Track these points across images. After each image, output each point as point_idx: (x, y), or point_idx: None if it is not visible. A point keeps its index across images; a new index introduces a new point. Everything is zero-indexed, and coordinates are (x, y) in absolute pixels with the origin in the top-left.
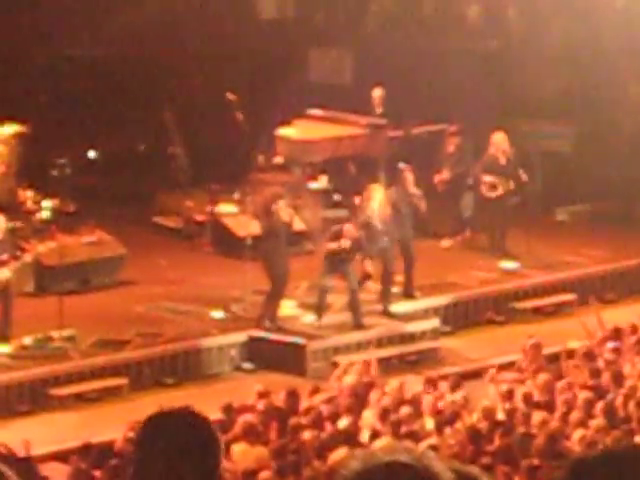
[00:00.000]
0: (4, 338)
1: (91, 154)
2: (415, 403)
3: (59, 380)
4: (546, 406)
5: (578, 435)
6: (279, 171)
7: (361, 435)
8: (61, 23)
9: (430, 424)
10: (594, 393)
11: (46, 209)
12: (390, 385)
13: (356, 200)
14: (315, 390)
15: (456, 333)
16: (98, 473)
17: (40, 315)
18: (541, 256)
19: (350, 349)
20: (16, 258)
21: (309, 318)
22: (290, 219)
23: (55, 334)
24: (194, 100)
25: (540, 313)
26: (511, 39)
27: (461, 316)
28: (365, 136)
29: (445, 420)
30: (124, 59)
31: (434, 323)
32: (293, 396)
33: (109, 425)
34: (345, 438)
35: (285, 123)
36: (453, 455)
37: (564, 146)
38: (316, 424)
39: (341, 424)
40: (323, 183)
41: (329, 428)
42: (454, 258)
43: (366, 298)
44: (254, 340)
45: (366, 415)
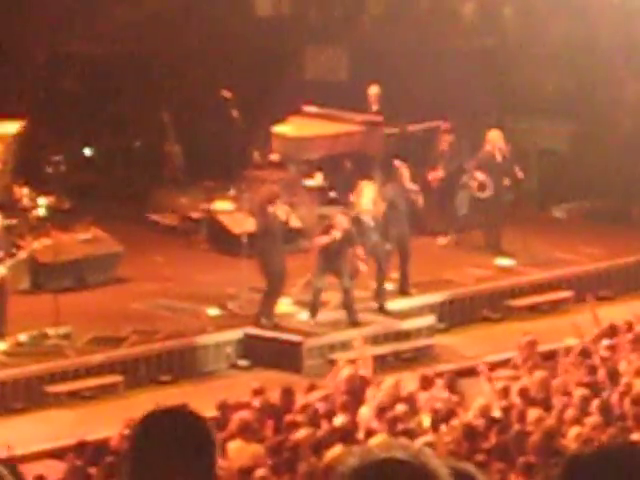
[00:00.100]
0: None
1: (87, 151)
2: (411, 401)
3: (55, 377)
4: (542, 403)
5: (574, 432)
6: (275, 168)
7: (358, 432)
8: (58, 21)
9: (426, 421)
10: (590, 390)
11: (42, 206)
12: (386, 383)
13: (352, 197)
14: (311, 387)
15: (452, 330)
16: (94, 470)
17: (35, 312)
18: (537, 253)
19: (346, 347)
20: (11, 255)
21: (305, 316)
22: (286, 217)
23: (51, 331)
24: (190, 97)
25: (536, 310)
26: (507, 37)
27: (457, 313)
28: (361, 133)
29: (441, 417)
30: (120, 57)
31: (430, 320)
32: (288, 393)
33: (105, 422)
34: (341, 435)
35: (281, 120)
36: (449, 452)
37: (561, 144)
38: (312, 421)
39: (337, 421)
40: (319, 180)
41: (325, 425)
42: (450, 255)
43: (361, 295)
44: (250, 337)
45: (363, 412)
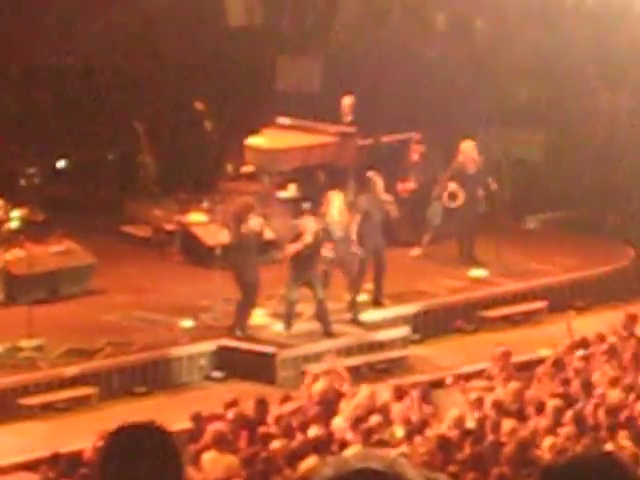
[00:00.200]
0: None
1: (60, 163)
2: (385, 411)
3: (28, 390)
4: (516, 414)
5: (548, 443)
6: (248, 180)
7: (332, 444)
8: (31, 33)
9: (400, 432)
10: (563, 401)
11: (15, 218)
12: (360, 393)
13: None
14: (285, 399)
15: (425, 341)
16: None
17: (9, 325)
18: (510, 264)
19: (320, 358)
20: None
21: (279, 327)
22: (261, 229)
23: (24, 344)
24: (163, 109)
25: (510, 321)
26: (479, 47)
27: (430, 324)
28: (334, 145)
29: (415, 429)
30: (93, 69)
31: (403, 331)
32: (262, 404)
33: (78, 435)
34: (315, 447)
35: (254, 132)
36: (423, 463)
37: (534, 154)
38: (286, 433)
39: (311, 432)
40: (292, 192)
41: (299, 437)
42: (423, 266)
43: (335, 307)
44: (224, 349)
45: (336, 423)
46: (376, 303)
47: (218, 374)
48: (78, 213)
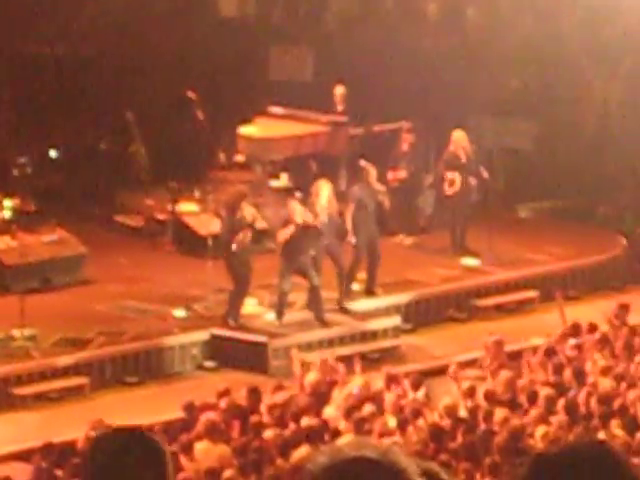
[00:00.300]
0: None
1: (52, 153)
2: (377, 401)
3: (21, 379)
4: (508, 403)
5: (540, 432)
6: (240, 169)
7: (325, 433)
8: (22, 21)
9: (392, 422)
10: (556, 390)
11: (7, 208)
12: (354, 383)
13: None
14: (278, 388)
15: (417, 331)
16: (60, 472)
17: (1, 314)
18: (503, 253)
19: (312, 347)
20: None
21: (271, 316)
22: (253, 219)
23: (16, 333)
24: (155, 99)
25: (502, 310)
26: (472, 36)
27: (422, 314)
28: (326, 134)
29: (407, 418)
30: (85, 57)
31: (395, 321)
32: (255, 393)
33: (71, 424)
34: (307, 436)
35: (246, 121)
36: (415, 453)
37: (526, 143)
38: (278, 422)
39: (304, 422)
40: (284, 181)
41: (292, 426)
42: (415, 255)
43: (328, 296)
44: (216, 338)
45: (328, 412)
46: (369, 292)
47: (210, 364)
48: (70, 203)
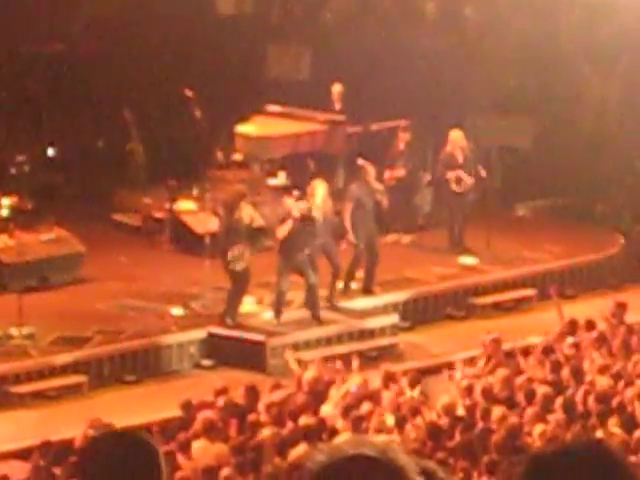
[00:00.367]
0: None
1: (50, 152)
2: (375, 399)
3: (19, 378)
4: (505, 401)
5: (538, 430)
6: (238, 168)
7: (322, 431)
8: (20, 20)
9: (390, 420)
10: (553, 388)
11: (5, 207)
12: (352, 381)
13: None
14: (276, 386)
15: (416, 329)
16: (58, 470)
17: None
18: (500, 251)
19: (310, 345)
20: None
21: (269, 315)
22: (250, 220)
23: (14, 331)
24: (152, 97)
25: (500, 308)
26: (469, 35)
27: (420, 312)
28: (324, 132)
29: (405, 416)
30: (83, 56)
31: (393, 319)
32: (252, 391)
33: (69, 423)
34: (305, 435)
35: (244, 119)
36: (413, 451)
37: (524, 142)
38: (276, 421)
39: (302, 421)
40: (282, 179)
41: (290, 425)
42: (413, 254)
43: (325, 294)
44: (214, 337)
45: (324, 411)
46: (366, 291)
47: (208, 362)
48: (68, 201)
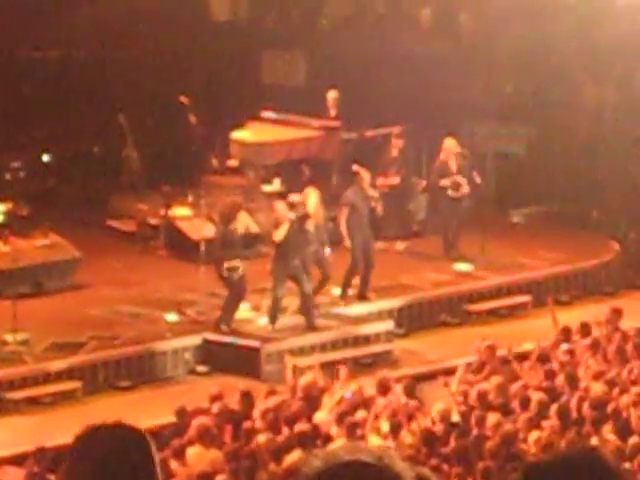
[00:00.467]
0: None
1: (45, 158)
2: (369, 406)
3: (13, 384)
4: (500, 408)
5: (534, 437)
6: (233, 174)
7: (317, 438)
8: (13, 25)
9: (385, 427)
10: (548, 395)
11: (0, 213)
12: (347, 387)
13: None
14: (271, 392)
15: (410, 335)
16: (52, 477)
17: None
18: (495, 258)
19: (304, 352)
20: None
21: (264, 321)
22: (246, 229)
23: (9, 338)
24: (148, 103)
25: (495, 315)
26: (464, 41)
27: (415, 318)
28: (319, 138)
29: (399, 423)
30: (77, 61)
31: (388, 325)
32: (247, 397)
33: (63, 429)
34: (300, 441)
35: (239, 126)
36: (408, 457)
37: (518, 148)
38: (271, 427)
39: (297, 427)
40: (277, 186)
41: (285, 431)
42: (408, 260)
43: (320, 301)
44: (208, 343)
45: (318, 417)
46: (361, 297)
47: (203, 368)
48: (63, 207)
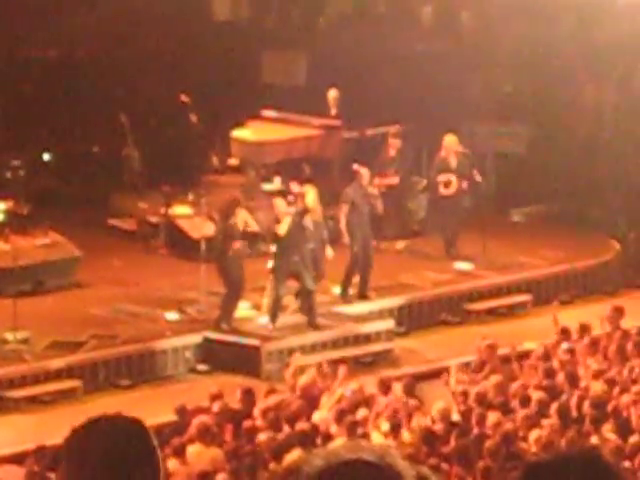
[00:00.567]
0: None
1: (45, 156)
2: (370, 404)
3: (13, 382)
4: (500, 407)
5: (534, 436)
6: (233, 173)
7: (317, 437)
8: (14, 24)
9: (385, 426)
10: (548, 394)
11: (0, 211)
12: (347, 386)
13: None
14: (271, 391)
15: (411, 334)
16: (53, 475)
17: None
18: (495, 257)
19: (305, 350)
20: None
21: (264, 320)
22: (245, 226)
23: (9, 336)
24: (148, 102)
25: (495, 314)
26: (465, 40)
27: (416, 317)
28: (319, 137)
29: (400, 421)
30: (78, 60)
31: (389, 324)
32: (249, 395)
33: (64, 427)
34: (300, 440)
35: (239, 125)
36: (408, 456)
37: (518, 147)
38: (271, 425)
39: (298, 426)
40: (277, 184)
41: (285, 429)
42: (408, 259)
43: (321, 299)
44: (209, 342)
45: (317, 416)
46: (362, 296)
47: (203, 367)
48: (63, 206)
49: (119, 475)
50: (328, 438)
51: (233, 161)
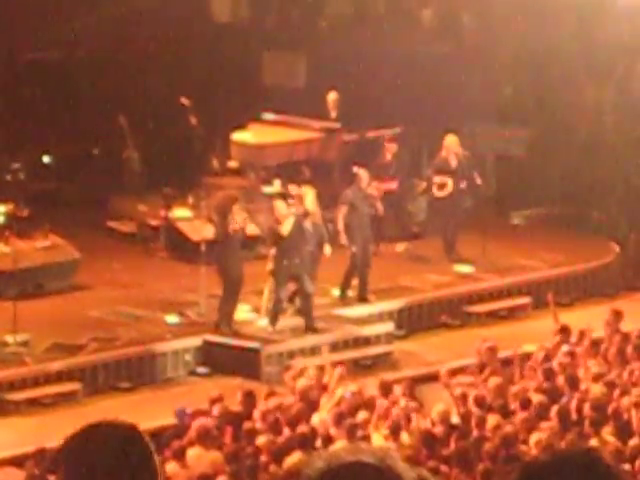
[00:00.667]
0: None
1: (45, 159)
2: (370, 407)
3: (14, 385)
4: (500, 410)
5: (534, 439)
6: (233, 175)
7: (317, 439)
8: (14, 26)
9: (385, 428)
10: (548, 396)
11: (0, 214)
12: (347, 388)
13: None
14: (271, 394)
15: (411, 337)
16: (53, 478)
17: None
18: (495, 260)
19: (305, 353)
20: None
21: (264, 322)
22: (244, 224)
23: (9, 339)
24: (148, 105)
25: (495, 316)
26: (465, 42)
27: (415, 320)
28: (319, 140)
29: (399, 424)
30: (78, 63)
31: (388, 327)
32: (250, 397)
33: (64, 430)
34: (300, 442)
35: (239, 127)
36: (407, 459)
37: (518, 149)
38: (271, 428)
39: (298, 428)
40: (277, 187)
41: (285, 432)
42: (407, 262)
43: (320, 302)
44: (209, 344)
45: (316, 419)
46: (361, 299)
47: (203, 370)
48: (63, 208)
49: None
50: (328, 441)
51: (233, 164)
